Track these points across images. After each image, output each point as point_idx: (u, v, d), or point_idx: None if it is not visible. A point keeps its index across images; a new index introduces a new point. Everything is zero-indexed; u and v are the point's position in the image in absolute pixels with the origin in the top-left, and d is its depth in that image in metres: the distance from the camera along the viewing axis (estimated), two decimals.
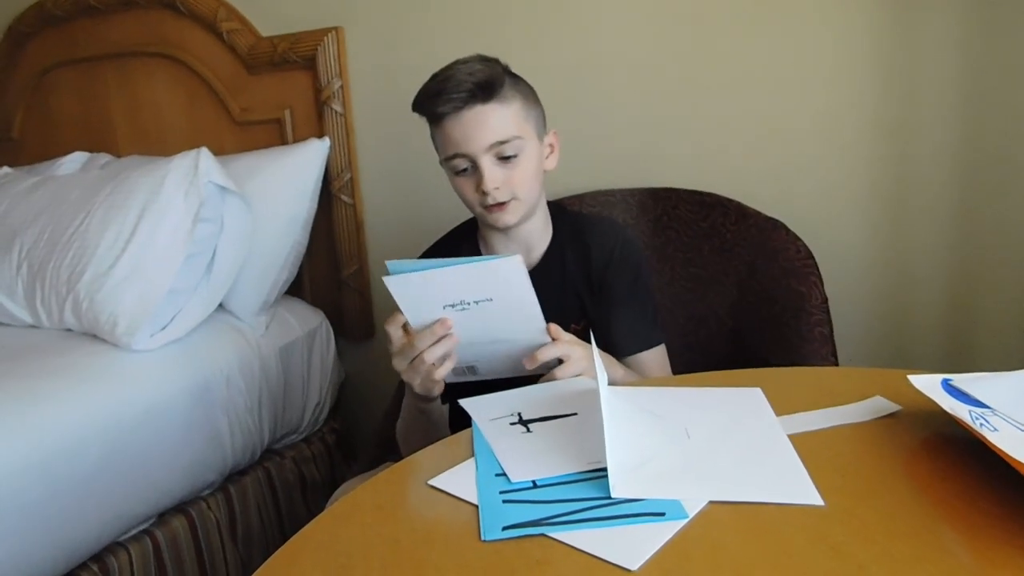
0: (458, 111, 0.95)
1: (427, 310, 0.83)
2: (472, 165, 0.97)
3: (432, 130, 1.01)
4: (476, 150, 0.95)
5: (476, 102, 0.95)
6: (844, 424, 0.69)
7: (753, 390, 0.76)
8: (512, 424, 0.72)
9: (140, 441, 1.27)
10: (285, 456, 1.61)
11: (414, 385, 0.88)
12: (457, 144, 0.96)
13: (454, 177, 1.00)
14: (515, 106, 0.98)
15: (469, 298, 0.81)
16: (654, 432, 0.67)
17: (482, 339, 0.85)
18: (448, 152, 0.98)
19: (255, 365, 1.50)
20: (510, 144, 0.96)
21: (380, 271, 1.78)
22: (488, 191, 0.96)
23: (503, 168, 0.97)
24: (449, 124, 0.96)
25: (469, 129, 0.95)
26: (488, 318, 0.82)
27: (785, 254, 1.23)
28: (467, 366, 0.89)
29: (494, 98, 0.96)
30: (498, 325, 0.83)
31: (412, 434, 1.02)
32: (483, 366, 0.89)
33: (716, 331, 1.26)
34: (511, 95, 0.98)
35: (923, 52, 1.24)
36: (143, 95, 1.85)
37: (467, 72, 0.95)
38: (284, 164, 1.60)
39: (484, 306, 0.81)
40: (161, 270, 1.36)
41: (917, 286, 1.32)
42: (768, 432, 0.67)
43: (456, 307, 0.81)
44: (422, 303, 0.83)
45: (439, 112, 0.96)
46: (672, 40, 1.39)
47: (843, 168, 1.33)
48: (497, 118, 0.96)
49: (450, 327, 0.83)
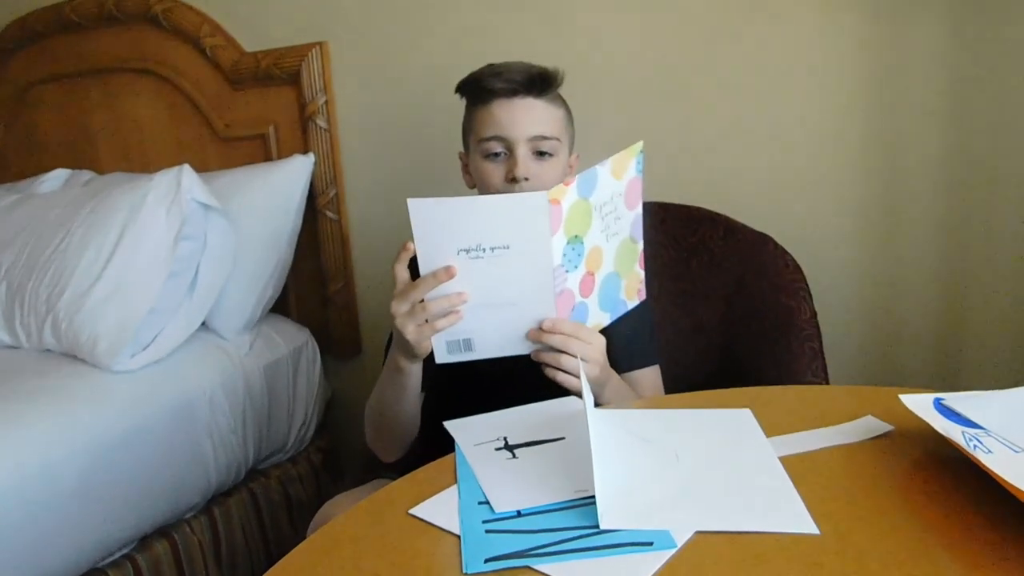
0: (511, 95, 0.98)
1: (441, 250, 0.78)
2: (507, 152, 0.98)
3: (471, 111, 1.03)
4: (518, 136, 0.97)
5: (530, 93, 0.99)
6: (836, 445, 0.68)
7: (743, 412, 0.74)
8: (497, 449, 0.71)
9: (120, 464, 1.24)
10: (270, 476, 1.58)
11: (405, 332, 0.82)
12: (500, 126, 0.98)
13: (482, 160, 1.00)
14: (561, 112, 1.03)
15: (486, 242, 0.77)
16: (643, 458, 0.65)
17: (489, 299, 0.80)
18: (487, 133, 0.99)
19: (239, 384, 1.48)
20: (549, 142, 0.99)
21: (366, 287, 1.79)
22: (519, 178, 0.96)
23: (536, 163, 0.99)
24: (498, 105, 0.98)
25: (517, 115, 0.98)
26: (500, 273, 0.79)
27: (774, 269, 1.22)
28: (464, 339, 0.83)
29: (546, 96, 1.00)
30: (508, 284, 0.80)
31: (382, 404, 0.97)
32: (481, 339, 0.83)
33: (705, 347, 1.25)
34: (559, 102, 1.04)
35: (912, 63, 1.24)
36: (126, 111, 1.82)
37: (527, 65, 1.00)
38: (268, 180, 1.58)
39: (499, 256, 0.78)
40: (142, 289, 1.34)
41: (907, 300, 1.31)
42: (759, 455, 0.66)
43: (471, 253, 0.78)
44: (438, 240, 0.78)
45: (493, 88, 0.98)
46: (657, 51, 1.38)
47: (832, 181, 1.32)
48: (544, 114, 0.99)
49: (455, 274, 0.79)
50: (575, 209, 0.80)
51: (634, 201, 0.87)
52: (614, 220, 0.85)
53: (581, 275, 0.84)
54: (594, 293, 0.87)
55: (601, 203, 0.83)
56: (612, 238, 0.86)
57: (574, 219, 0.80)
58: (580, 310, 0.86)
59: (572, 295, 0.84)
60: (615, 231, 0.86)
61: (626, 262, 0.90)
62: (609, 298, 0.89)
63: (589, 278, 0.86)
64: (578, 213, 0.80)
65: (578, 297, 0.85)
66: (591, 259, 0.84)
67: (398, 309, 0.83)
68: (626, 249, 0.89)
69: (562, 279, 0.82)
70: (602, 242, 0.85)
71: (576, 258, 0.82)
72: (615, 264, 0.88)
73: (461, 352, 0.84)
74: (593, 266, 0.85)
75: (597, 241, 0.84)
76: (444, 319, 0.81)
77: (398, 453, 1.01)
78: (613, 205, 0.85)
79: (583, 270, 0.84)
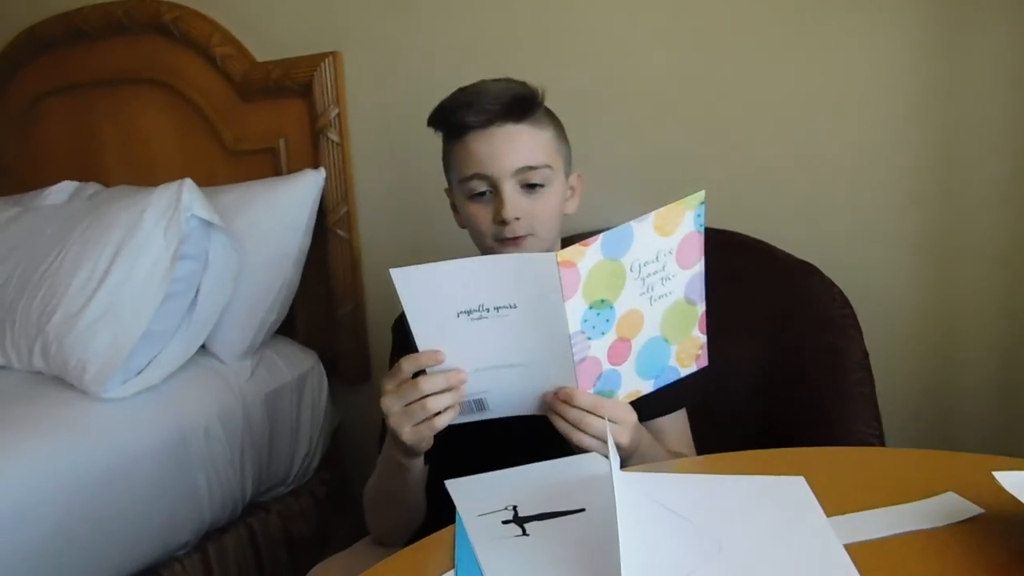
0: (487, 126, 0.86)
1: (438, 317, 0.69)
2: (491, 190, 0.87)
3: (448, 147, 0.91)
4: (501, 172, 0.86)
5: (508, 120, 0.86)
6: (913, 531, 0.56)
7: (795, 480, 0.63)
8: (505, 522, 0.60)
9: (104, 500, 1.16)
10: (270, 511, 1.49)
11: (401, 434, 0.73)
12: (480, 163, 0.86)
13: (467, 203, 0.89)
14: (548, 133, 0.90)
15: (489, 302, 0.68)
16: (680, 545, 0.54)
17: (497, 361, 0.71)
18: (466, 172, 0.87)
19: (238, 413, 1.39)
20: (538, 172, 0.87)
21: (377, 310, 1.70)
22: (508, 220, 0.85)
23: (526, 198, 0.87)
24: (474, 139, 0.86)
25: (497, 148, 0.85)
26: (508, 332, 0.69)
27: (820, 303, 1.11)
28: (475, 399, 0.74)
29: (528, 119, 0.87)
30: (519, 343, 0.70)
31: (384, 496, 0.89)
32: (494, 400, 0.74)
33: (740, 387, 1.13)
34: (545, 121, 0.90)
35: (971, 76, 1.13)
36: (134, 123, 1.77)
37: (502, 87, 0.88)
38: (276, 196, 1.50)
39: (505, 316, 0.68)
40: (136, 311, 1.26)
41: (965, 341, 1.19)
42: (820, 543, 0.54)
43: (472, 315, 0.68)
44: (433, 306, 0.69)
45: (465, 123, 0.86)
46: (691, 65, 1.28)
47: (880, 206, 1.21)
48: (529, 141, 0.87)
49: (465, 379, 0.70)
50: (599, 271, 0.69)
51: (690, 259, 0.75)
52: (660, 281, 0.74)
53: (610, 342, 0.73)
54: (629, 360, 0.75)
55: (639, 263, 0.72)
56: (657, 301, 0.75)
57: (597, 282, 0.69)
58: (610, 377, 0.75)
59: (598, 363, 0.73)
60: (662, 293, 0.75)
61: (679, 326, 0.78)
62: (653, 365, 0.78)
63: (622, 344, 0.74)
64: (603, 275, 0.69)
65: (606, 364, 0.74)
66: (624, 325, 0.73)
67: (391, 407, 0.73)
68: (679, 312, 0.77)
69: (583, 347, 0.71)
70: (643, 305, 0.74)
71: (603, 324, 0.71)
72: (661, 328, 0.76)
73: (473, 413, 0.75)
74: (628, 332, 0.74)
75: (634, 304, 0.73)
76: (444, 415, 0.71)
77: (404, 539, 0.90)
78: (660, 264, 0.73)
79: (612, 336, 0.73)
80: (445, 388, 0.71)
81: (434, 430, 0.72)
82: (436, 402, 0.71)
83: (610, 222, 1.33)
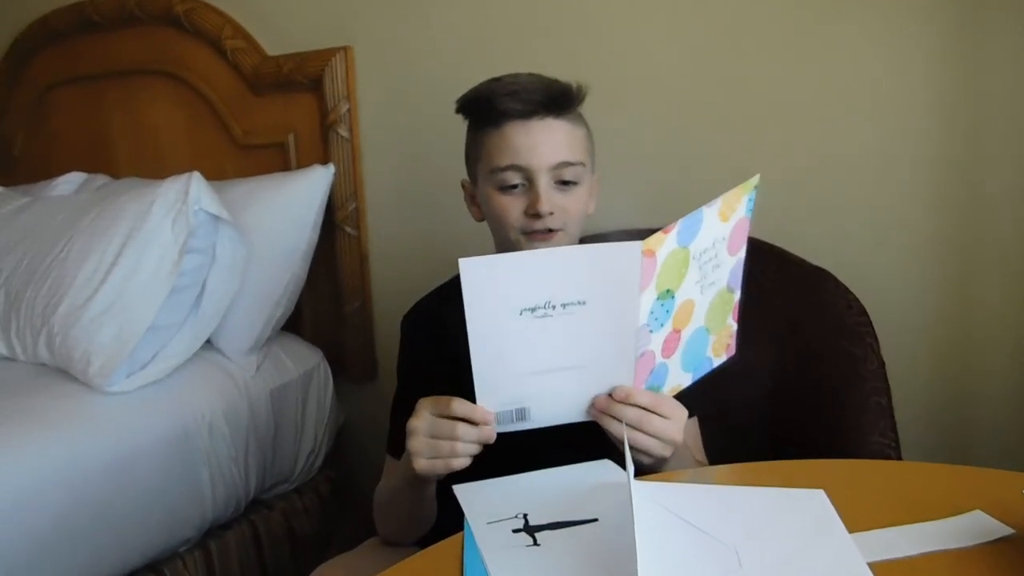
0: (528, 117, 0.84)
1: (498, 315, 0.66)
2: (525, 183, 0.85)
3: (478, 136, 0.89)
4: (539, 165, 0.84)
5: (549, 113, 0.85)
6: (940, 550, 0.54)
7: (815, 493, 0.61)
8: (515, 531, 0.58)
9: (107, 494, 1.15)
10: (274, 508, 1.48)
11: (416, 464, 0.71)
12: (518, 154, 0.84)
13: (495, 193, 0.86)
14: (583, 131, 0.90)
15: (557, 298, 0.65)
16: (699, 558, 0.53)
17: (552, 364, 0.68)
18: (502, 162, 0.85)
19: (242, 409, 1.38)
20: (573, 168, 0.86)
21: (385, 307, 1.68)
22: (543, 213, 0.83)
23: (559, 193, 0.86)
24: (513, 129, 0.84)
25: (536, 140, 0.84)
26: (571, 332, 0.67)
27: (835, 310, 1.08)
28: (517, 408, 0.71)
29: (567, 115, 0.87)
30: (580, 342, 0.67)
31: (393, 507, 0.88)
32: (538, 408, 0.71)
33: (754, 395, 1.11)
34: (580, 119, 0.90)
35: (990, 79, 1.10)
36: (144, 115, 1.77)
37: (543, 80, 0.87)
38: (284, 191, 1.48)
39: (572, 312, 0.66)
40: (142, 304, 1.25)
41: (984, 350, 1.16)
42: (843, 561, 0.53)
43: (536, 312, 0.65)
44: (495, 302, 0.65)
45: (505, 110, 0.84)
46: (704, 67, 1.26)
47: (897, 211, 1.19)
48: (567, 137, 0.86)
49: (492, 420, 0.68)
50: (671, 260, 0.67)
51: (737, 245, 0.74)
52: (712, 269, 0.72)
53: (666, 334, 0.71)
54: (677, 352, 0.73)
55: (701, 250, 0.69)
56: (707, 289, 0.73)
57: (668, 272, 0.67)
58: (660, 372, 0.73)
59: (653, 356, 0.71)
60: (712, 281, 0.73)
61: (719, 315, 0.76)
62: (694, 357, 0.76)
63: (674, 336, 0.72)
64: (674, 264, 0.67)
65: (659, 358, 0.72)
66: (680, 315, 0.71)
67: (418, 429, 0.71)
68: (721, 300, 0.75)
69: (645, 340, 0.69)
70: (696, 295, 0.72)
71: (664, 315, 0.69)
72: (706, 318, 0.75)
73: (513, 423, 0.71)
74: (680, 323, 0.72)
75: (690, 294, 0.71)
76: (462, 459, 0.70)
77: (413, 540, 0.90)
78: (715, 251, 0.71)
79: (668, 328, 0.71)
80: (475, 441, 0.69)
81: (448, 469, 0.70)
82: (463, 448, 0.69)
83: (619, 223, 1.32)
